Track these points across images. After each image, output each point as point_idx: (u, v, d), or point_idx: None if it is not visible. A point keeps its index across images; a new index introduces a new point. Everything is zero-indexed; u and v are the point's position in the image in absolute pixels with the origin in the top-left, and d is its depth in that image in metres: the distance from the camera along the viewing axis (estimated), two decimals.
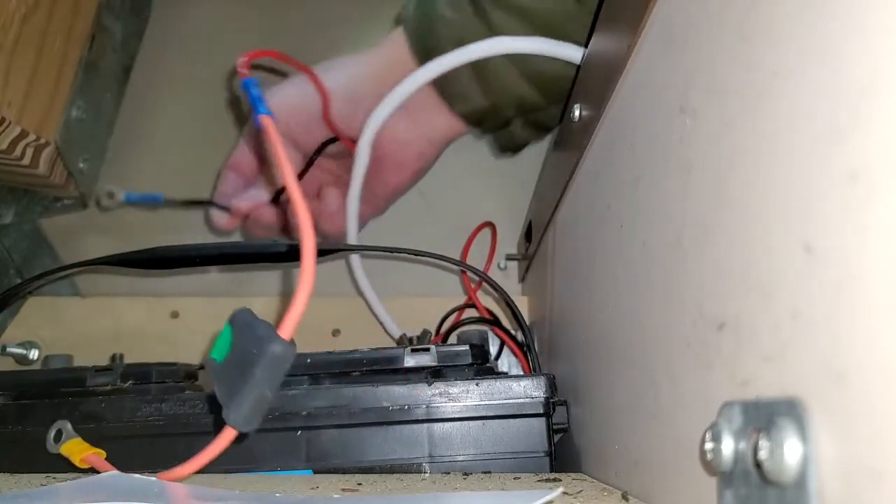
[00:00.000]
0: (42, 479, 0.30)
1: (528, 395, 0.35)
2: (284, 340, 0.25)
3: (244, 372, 0.24)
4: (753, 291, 0.17)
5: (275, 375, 0.24)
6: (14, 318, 0.54)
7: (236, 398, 0.24)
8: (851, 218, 0.13)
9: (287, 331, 0.25)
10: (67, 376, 0.39)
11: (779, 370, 0.16)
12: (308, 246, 0.25)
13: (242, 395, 0.24)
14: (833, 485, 0.14)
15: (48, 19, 0.48)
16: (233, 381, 0.25)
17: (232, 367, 0.25)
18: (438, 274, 0.59)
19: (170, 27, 0.63)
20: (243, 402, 0.24)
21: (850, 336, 0.13)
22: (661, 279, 0.23)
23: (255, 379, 0.24)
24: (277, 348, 0.24)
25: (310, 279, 0.25)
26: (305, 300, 0.25)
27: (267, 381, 0.24)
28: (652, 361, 0.24)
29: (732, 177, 0.18)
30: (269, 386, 0.24)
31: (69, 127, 0.51)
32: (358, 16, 0.64)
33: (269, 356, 0.24)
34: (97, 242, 0.57)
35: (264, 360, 0.24)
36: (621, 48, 0.27)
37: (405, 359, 0.38)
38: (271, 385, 0.24)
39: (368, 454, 0.34)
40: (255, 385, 0.24)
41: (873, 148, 0.13)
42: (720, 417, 0.17)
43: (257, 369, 0.24)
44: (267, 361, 0.24)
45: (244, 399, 0.24)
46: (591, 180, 0.33)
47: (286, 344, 0.25)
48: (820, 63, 0.14)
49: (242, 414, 0.24)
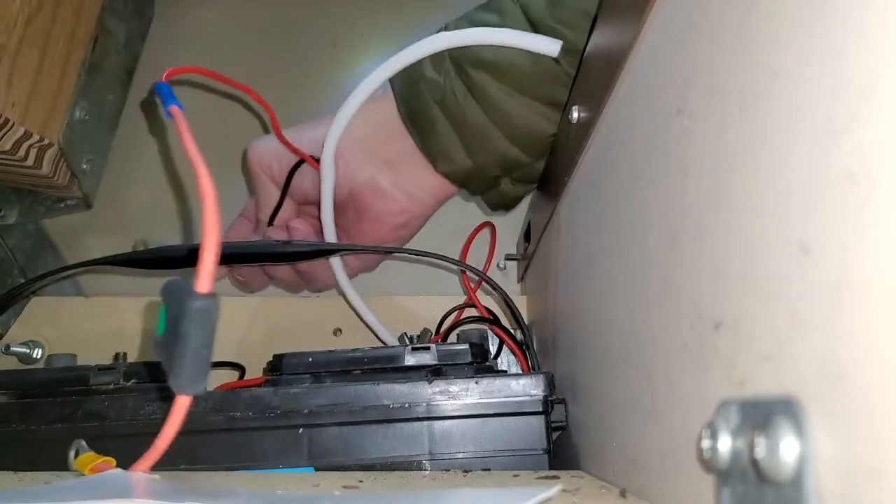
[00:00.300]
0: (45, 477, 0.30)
1: (526, 393, 0.35)
2: (203, 294, 0.24)
3: (177, 336, 0.24)
4: (751, 291, 0.17)
5: (204, 330, 0.24)
6: (18, 318, 0.54)
7: (176, 363, 0.24)
8: (849, 218, 0.13)
9: (203, 283, 0.24)
10: (70, 375, 0.39)
11: (776, 369, 0.16)
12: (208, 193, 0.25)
13: (180, 359, 0.24)
14: (830, 483, 0.14)
15: (51, 21, 0.48)
16: (171, 350, 0.25)
17: (169, 338, 0.25)
18: (438, 274, 0.59)
19: (172, 29, 0.64)
20: (182, 365, 0.24)
21: (847, 335, 0.13)
22: (658, 279, 0.23)
23: (186, 339, 0.24)
24: (197, 303, 0.24)
25: (215, 227, 0.24)
26: (215, 248, 0.24)
27: (198, 337, 0.24)
28: (649, 360, 0.24)
29: (730, 177, 0.18)
30: (203, 342, 0.24)
31: (72, 128, 0.51)
32: (358, 17, 0.64)
33: (191, 313, 0.24)
34: (100, 242, 0.57)
35: (188, 318, 0.24)
36: (620, 49, 0.27)
37: (406, 357, 0.38)
38: (204, 341, 0.24)
39: (369, 451, 0.35)
40: (187, 345, 0.24)
41: (871, 148, 0.13)
42: (717, 416, 0.18)
43: (184, 329, 0.24)
44: (191, 318, 0.24)
45: (182, 362, 0.24)
46: (590, 181, 0.33)
47: (205, 297, 0.24)
48: (818, 63, 0.15)
49: (185, 377, 0.24)
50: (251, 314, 0.56)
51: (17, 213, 0.56)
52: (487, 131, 0.44)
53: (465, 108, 0.44)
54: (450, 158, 0.46)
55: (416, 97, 0.45)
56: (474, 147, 0.45)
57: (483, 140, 0.45)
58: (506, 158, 0.46)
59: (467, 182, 0.48)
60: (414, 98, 0.45)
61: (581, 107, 0.34)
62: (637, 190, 0.26)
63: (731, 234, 0.18)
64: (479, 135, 0.45)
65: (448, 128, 0.45)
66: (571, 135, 0.36)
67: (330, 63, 0.63)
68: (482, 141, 0.45)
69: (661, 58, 0.23)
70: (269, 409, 0.35)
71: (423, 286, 0.58)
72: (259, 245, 0.47)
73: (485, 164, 0.46)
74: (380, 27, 0.65)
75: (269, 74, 0.63)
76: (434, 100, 0.44)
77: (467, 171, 0.47)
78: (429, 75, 0.45)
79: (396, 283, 0.57)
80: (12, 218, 0.56)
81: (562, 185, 0.38)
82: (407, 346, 0.39)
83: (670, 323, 0.22)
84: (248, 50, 0.64)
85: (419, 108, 0.45)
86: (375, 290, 0.55)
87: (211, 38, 0.64)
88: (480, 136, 0.45)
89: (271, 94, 0.62)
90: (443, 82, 0.44)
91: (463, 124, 0.44)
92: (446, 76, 0.44)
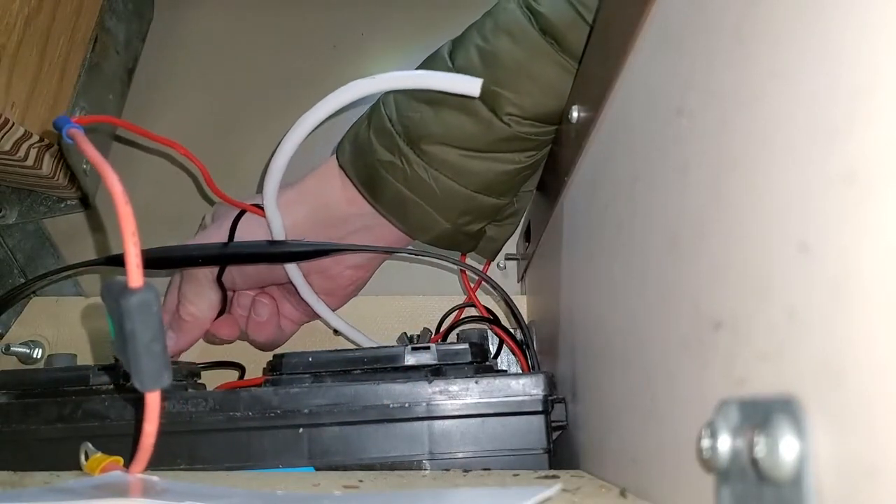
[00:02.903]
0: (45, 477, 0.30)
1: (526, 392, 0.35)
2: (136, 288, 0.24)
3: (125, 337, 0.24)
4: (750, 290, 0.17)
5: (148, 322, 0.24)
6: (18, 318, 0.54)
7: (133, 364, 0.24)
8: (847, 217, 0.13)
9: (134, 278, 0.24)
10: (70, 375, 0.39)
11: (775, 368, 0.16)
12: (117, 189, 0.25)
13: (135, 358, 0.24)
14: (829, 482, 0.14)
15: (51, 21, 0.48)
16: (126, 349, 0.25)
17: (120, 339, 0.25)
18: (438, 274, 0.59)
19: (172, 29, 0.64)
20: (139, 364, 0.24)
21: (846, 334, 0.13)
22: (658, 278, 0.23)
23: (134, 336, 0.24)
24: (133, 299, 0.24)
25: (130, 220, 0.25)
26: (135, 244, 0.24)
27: (145, 332, 0.24)
28: (649, 360, 0.24)
29: (729, 177, 0.18)
30: (151, 335, 0.24)
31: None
32: (359, 19, 0.64)
33: (130, 310, 0.24)
34: (100, 243, 0.57)
35: (129, 316, 0.24)
36: (619, 49, 0.27)
37: (406, 357, 0.38)
38: (153, 333, 0.24)
39: (369, 451, 0.35)
40: (137, 342, 0.24)
41: (869, 148, 0.13)
42: (717, 415, 0.18)
43: (128, 326, 0.24)
44: (131, 315, 0.24)
45: (138, 360, 0.24)
46: (589, 181, 0.33)
47: (138, 290, 0.24)
48: (816, 64, 0.15)
49: (145, 374, 0.24)
50: None
51: (17, 213, 0.56)
52: (458, 193, 0.44)
53: (433, 183, 0.44)
54: (427, 229, 0.46)
55: (380, 183, 0.44)
56: (449, 212, 0.45)
57: (457, 203, 0.44)
58: (483, 209, 0.45)
59: (452, 243, 0.47)
60: (379, 184, 0.44)
61: (581, 107, 0.34)
62: (637, 190, 0.26)
63: (730, 233, 0.18)
64: (452, 201, 0.44)
65: (420, 205, 0.44)
66: (571, 135, 0.36)
67: (330, 64, 0.63)
68: (456, 204, 0.44)
69: (660, 58, 0.23)
70: (269, 408, 0.35)
71: (423, 286, 0.58)
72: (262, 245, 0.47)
73: (463, 223, 0.46)
74: (380, 28, 0.65)
75: (268, 75, 0.63)
76: (398, 181, 0.44)
77: (449, 234, 0.46)
78: (385, 159, 0.44)
79: (396, 283, 0.57)
80: (12, 218, 0.56)
81: (562, 185, 0.38)
82: (407, 346, 0.39)
83: (670, 322, 0.22)
84: (248, 51, 0.64)
85: (386, 191, 0.44)
86: (375, 290, 0.55)
87: (211, 38, 0.64)
88: (454, 201, 0.44)
89: (271, 95, 0.63)
90: (401, 163, 0.44)
91: (433, 195, 0.44)
92: (402, 157, 0.43)
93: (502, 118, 0.42)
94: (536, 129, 0.42)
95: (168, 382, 0.25)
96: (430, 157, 0.43)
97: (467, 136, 0.43)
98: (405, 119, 0.44)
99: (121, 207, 0.25)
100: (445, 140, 0.43)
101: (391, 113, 0.44)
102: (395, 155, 0.44)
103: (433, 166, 0.43)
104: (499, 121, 0.42)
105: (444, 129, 0.43)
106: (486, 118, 0.42)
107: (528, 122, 0.42)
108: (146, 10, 0.62)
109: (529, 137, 0.42)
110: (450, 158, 0.43)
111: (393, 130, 0.44)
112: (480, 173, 0.44)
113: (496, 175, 0.44)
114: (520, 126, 0.42)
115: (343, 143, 0.47)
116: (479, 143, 0.43)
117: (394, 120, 0.44)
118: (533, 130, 0.42)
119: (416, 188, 0.44)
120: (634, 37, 0.25)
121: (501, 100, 0.41)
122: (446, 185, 0.44)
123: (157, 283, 0.27)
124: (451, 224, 0.45)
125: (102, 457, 0.30)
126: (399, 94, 0.45)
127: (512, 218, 0.49)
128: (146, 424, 0.25)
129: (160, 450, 0.35)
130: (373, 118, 0.45)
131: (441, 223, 0.45)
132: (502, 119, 0.42)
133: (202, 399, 0.36)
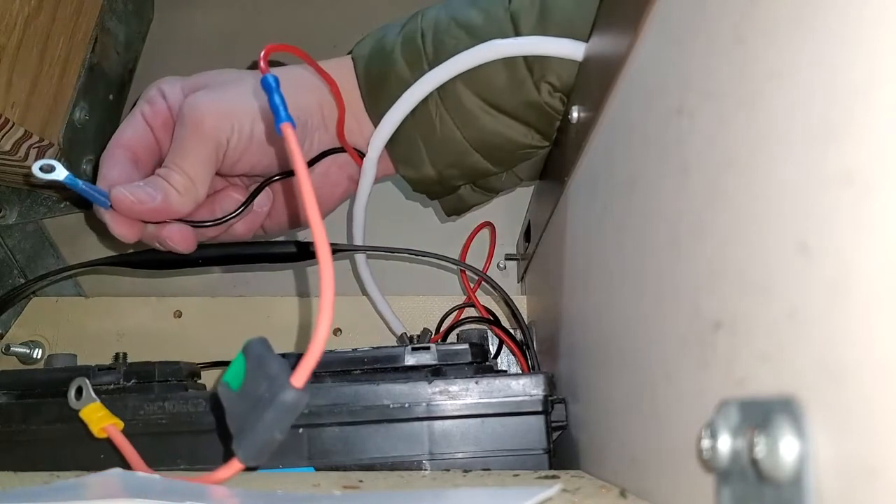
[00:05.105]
0: (45, 477, 0.30)
1: (526, 392, 0.35)
2: (297, 388, 0.24)
3: (255, 409, 0.24)
4: (749, 291, 0.17)
5: (285, 420, 0.24)
6: (18, 318, 0.54)
7: (247, 435, 0.24)
8: (847, 217, 0.13)
9: (301, 378, 0.24)
10: (70, 375, 0.39)
11: (775, 369, 0.16)
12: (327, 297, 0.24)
13: (252, 435, 0.24)
14: (829, 482, 0.14)
15: (51, 21, 0.48)
16: (244, 414, 0.25)
17: (244, 400, 0.25)
18: (438, 274, 0.59)
19: (172, 29, 0.64)
20: (253, 442, 0.24)
21: (846, 334, 0.13)
22: (658, 278, 0.23)
23: (265, 422, 0.24)
24: (289, 397, 0.24)
25: (326, 329, 0.24)
26: (321, 348, 0.24)
27: (277, 425, 0.24)
28: (649, 360, 0.24)
29: (729, 177, 0.18)
30: (280, 429, 0.24)
31: (73, 128, 0.51)
32: (359, 18, 0.64)
33: (280, 404, 0.24)
34: (100, 243, 0.57)
35: (275, 407, 0.24)
36: (619, 50, 0.27)
37: (406, 357, 0.38)
38: (281, 428, 0.24)
39: (369, 451, 0.35)
40: (264, 427, 0.24)
41: (868, 148, 0.13)
42: (717, 415, 0.18)
43: (268, 413, 0.24)
44: (278, 408, 0.24)
45: (254, 438, 0.24)
46: (589, 181, 0.33)
47: (299, 392, 0.24)
48: (816, 64, 0.15)
49: (252, 452, 0.24)
50: (251, 314, 0.56)
51: (17, 214, 0.56)
52: (457, 146, 0.42)
53: (437, 121, 0.42)
54: (413, 165, 0.44)
55: (384, 94, 0.41)
56: (440, 158, 0.43)
57: (451, 153, 0.43)
58: (474, 170, 0.44)
59: (427, 190, 0.46)
60: (383, 95, 0.42)
61: (581, 107, 0.34)
62: (636, 190, 0.26)
63: (730, 233, 0.18)
64: (447, 147, 0.42)
65: (415, 137, 0.42)
66: (571, 135, 0.36)
67: None
68: (450, 153, 0.43)
69: (660, 58, 0.23)
70: None
71: (423, 286, 0.58)
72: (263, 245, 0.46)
73: (448, 175, 0.44)
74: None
75: None
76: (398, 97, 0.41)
77: (430, 180, 0.44)
78: (401, 75, 0.41)
79: (396, 283, 0.57)
80: (12, 218, 0.56)
81: (562, 185, 0.38)
82: (407, 346, 0.39)
83: (670, 322, 0.22)
84: (248, 50, 0.64)
85: (385, 106, 0.42)
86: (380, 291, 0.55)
87: (211, 38, 0.64)
88: (449, 149, 0.42)
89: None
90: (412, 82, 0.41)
91: (431, 135, 0.42)
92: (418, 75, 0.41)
93: (536, 82, 0.40)
94: (560, 109, 0.40)
95: (260, 464, 0.25)
96: (446, 93, 0.41)
97: (493, 88, 0.40)
98: (439, 42, 0.41)
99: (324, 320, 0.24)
100: (469, 83, 0.41)
101: (427, 28, 0.41)
102: (413, 75, 0.41)
103: (445, 105, 0.41)
104: (532, 83, 0.40)
105: (474, 70, 0.40)
106: (519, 77, 0.40)
107: (557, 95, 0.40)
108: (146, 10, 0.62)
109: (550, 113, 0.40)
110: (465, 103, 0.41)
111: (422, 49, 0.41)
112: (487, 130, 0.42)
113: (502, 140, 0.42)
114: (550, 97, 0.40)
115: (366, 38, 0.44)
116: (502, 98, 0.41)
117: (427, 38, 0.41)
118: (557, 107, 0.40)
119: (419, 120, 0.42)
120: (635, 37, 0.25)
121: (546, 64, 0.39)
122: (449, 129, 0.42)
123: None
124: (435, 171, 0.44)
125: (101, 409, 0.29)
126: (442, 12, 0.42)
127: (490, 192, 0.48)
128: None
129: (160, 450, 0.35)
130: (408, 25, 0.42)
131: (427, 166, 0.43)
132: (535, 83, 0.40)
133: (202, 399, 0.36)
